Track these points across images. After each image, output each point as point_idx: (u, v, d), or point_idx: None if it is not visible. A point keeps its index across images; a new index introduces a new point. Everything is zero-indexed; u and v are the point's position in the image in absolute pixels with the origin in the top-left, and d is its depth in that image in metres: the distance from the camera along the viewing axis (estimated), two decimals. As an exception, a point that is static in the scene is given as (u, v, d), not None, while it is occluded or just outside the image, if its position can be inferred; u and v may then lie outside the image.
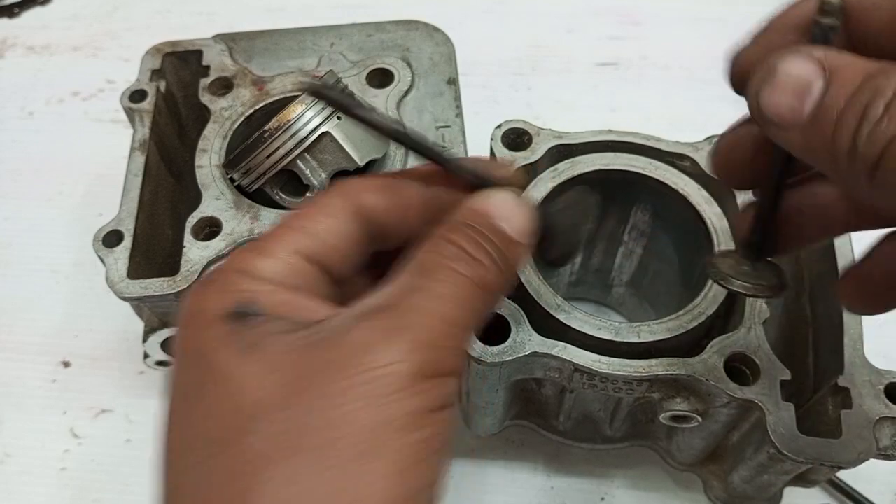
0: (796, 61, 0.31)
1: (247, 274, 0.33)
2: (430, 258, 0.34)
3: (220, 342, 0.31)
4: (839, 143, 0.29)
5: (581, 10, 1.00)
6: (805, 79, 0.31)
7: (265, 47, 0.72)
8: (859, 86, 0.29)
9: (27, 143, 0.90)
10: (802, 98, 0.31)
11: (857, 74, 0.29)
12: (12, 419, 0.70)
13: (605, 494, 0.66)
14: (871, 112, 0.28)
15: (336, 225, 0.36)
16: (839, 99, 0.29)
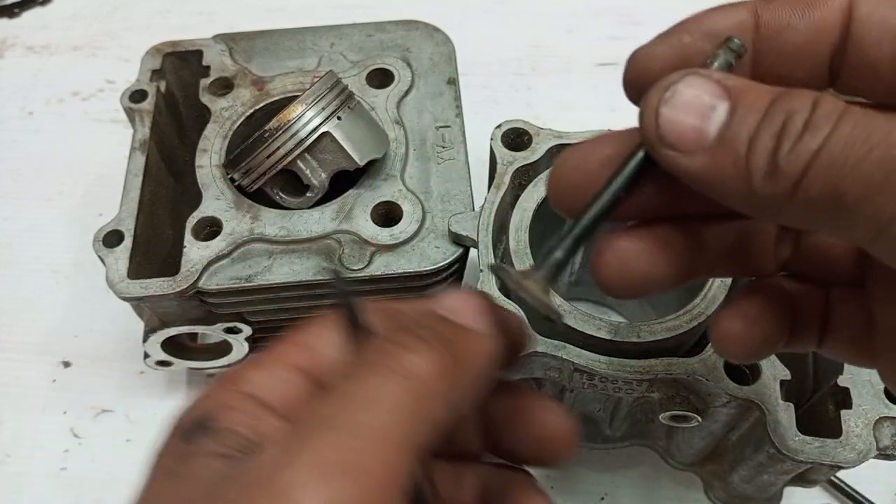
0: (698, 81, 0.30)
1: (231, 385, 0.32)
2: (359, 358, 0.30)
3: (164, 457, 0.31)
4: (755, 165, 0.28)
5: (581, 10, 1.00)
6: (708, 100, 0.29)
7: (265, 47, 0.72)
8: (769, 107, 0.28)
9: (27, 143, 0.90)
10: (707, 120, 0.29)
11: (763, 97, 0.29)
12: (12, 419, 0.70)
13: (605, 494, 0.66)
14: (791, 129, 0.27)
15: (331, 336, 0.34)
16: (749, 120, 0.28)
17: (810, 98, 0.28)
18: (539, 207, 0.57)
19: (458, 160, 0.64)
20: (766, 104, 0.28)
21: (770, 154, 0.28)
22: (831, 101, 0.28)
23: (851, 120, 0.27)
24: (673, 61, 0.34)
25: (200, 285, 0.56)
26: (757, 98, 0.29)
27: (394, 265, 0.57)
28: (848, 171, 0.26)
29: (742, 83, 0.30)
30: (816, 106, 0.28)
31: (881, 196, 0.26)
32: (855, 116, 0.27)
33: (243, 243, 0.58)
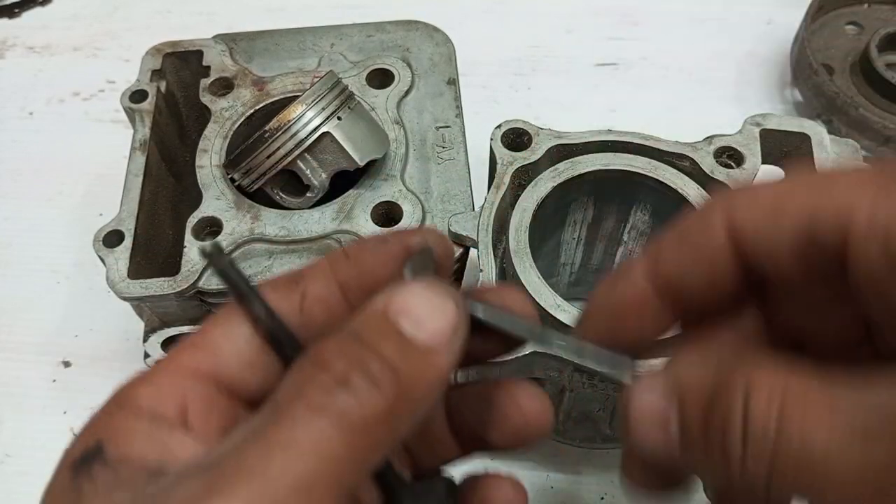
0: (645, 394, 0.30)
1: (119, 408, 0.29)
2: (284, 392, 0.26)
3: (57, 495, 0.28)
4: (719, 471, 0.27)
5: (581, 10, 1.00)
6: (660, 410, 0.29)
7: (265, 47, 0.72)
8: (706, 414, 0.27)
9: (27, 143, 0.90)
10: (666, 429, 0.29)
11: (702, 393, 0.28)
12: (12, 419, 0.70)
13: (605, 494, 0.66)
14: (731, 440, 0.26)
15: (231, 329, 0.31)
16: (697, 425, 0.28)
17: (741, 392, 0.26)
18: (539, 207, 0.57)
19: (458, 160, 0.64)
20: (704, 405, 0.28)
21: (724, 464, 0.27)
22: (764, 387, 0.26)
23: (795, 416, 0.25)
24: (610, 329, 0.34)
25: (201, 285, 0.56)
26: (696, 398, 0.28)
27: (394, 265, 0.57)
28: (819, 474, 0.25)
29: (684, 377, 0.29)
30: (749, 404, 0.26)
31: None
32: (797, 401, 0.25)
33: (243, 243, 0.58)
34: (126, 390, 0.30)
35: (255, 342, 0.31)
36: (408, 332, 0.27)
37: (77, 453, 0.28)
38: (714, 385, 0.27)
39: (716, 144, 0.58)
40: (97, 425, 0.29)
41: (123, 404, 0.29)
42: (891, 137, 0.78)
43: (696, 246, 0.31)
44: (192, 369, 0.30)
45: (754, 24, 0.97)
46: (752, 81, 0.93)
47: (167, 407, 0.29)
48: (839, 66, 0.87)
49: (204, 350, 0.31)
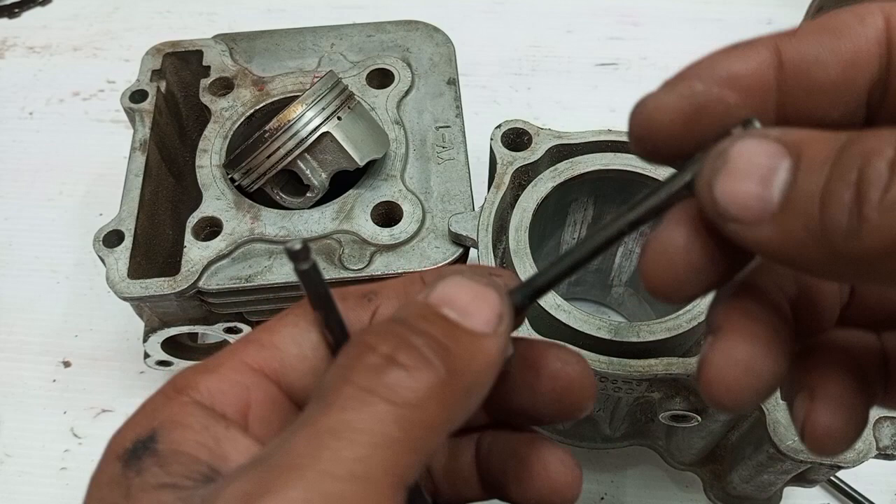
0: (751, 143, 0.26)
1: (179, 394, 0.28)
2: (332, 377, 0.25)
3: (103, 488, 0.26)
4: (833, 224, 0.23)
5: (581, 10, 1.01)
6: (766, 161, 0.25)
7: (265, 48, 0.72)
8: (839, 155, 0.24)
9: (27, 143, 0.90)
10: (769, 184, 0.25)
11: (829, 146, 0.24)
12: (12, 419, 0.70)
13: (605, 494, 0.66)
14: (873, 175, 0.22)
15: (297, 332, 0.30)
16: (817, 175, 0.24)
17: (889, 137, 0.23)
18: (539, 207, 0.57)
19: (458, 160, 0.64)
20: (833, 153, 0.24)
21: (851, 207, 0.23)
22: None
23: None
24: (685, 112, 0.29)
25: (200, 285, 0.56)
26: (823, 147, 0.24)
27: (394, 265, 0.57)
28: None
29: (803, 135, 0.25)
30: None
31: None
32: None
33: (243, 243, 0.58)
34: (187, 375, 0.29)
35: (322, 350, 0.30)
36: (453, 317, 0.26)
37: (128, 441, 0.27)
38: (848, 141, 0.24)
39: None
40: (152, 409, 0.28)
41: (182, 390, 0.28)
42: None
43: (845, 32, 0.27)
44: (258, 366, 0.29)
45: (754, 24, 0.97)
46: (752, 81, 0.93)
47: (228, 401, 0.28)
48: (839, 65, 0.87)
49: (270, 349, 0.29)
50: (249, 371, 0.29)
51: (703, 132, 0.28)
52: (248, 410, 0.28)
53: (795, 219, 0.24)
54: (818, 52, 0.28)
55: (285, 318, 0.31)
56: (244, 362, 0.29)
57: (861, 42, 0.27)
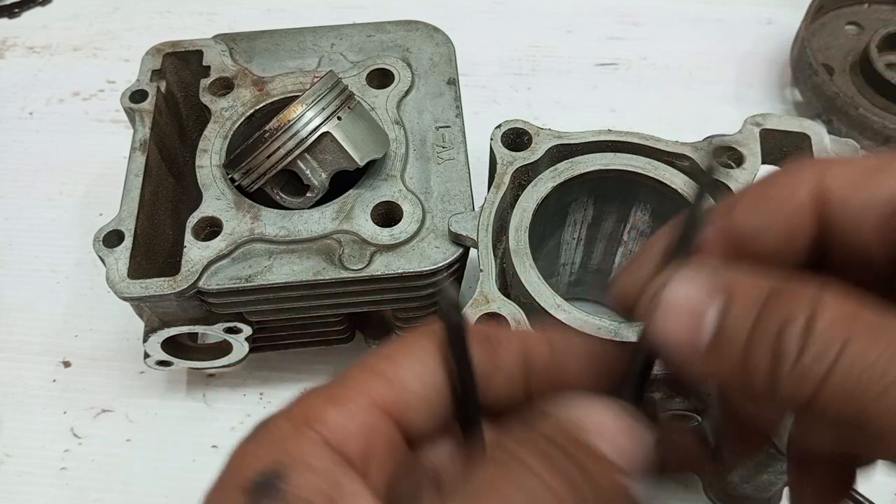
0: (684, 285, 0.28)
1: (307, 427, 0.27)
2: (485, 482, 0.26)
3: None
4: (752, 377, 0.26)
5: (581, 10, 1.00)
6: (698, 302, 0.27)
7: (265, 48, 0.72)
8: (762, 311, 0.26)
9: (27, 143, 0.90)
10: (699, 325, 0.27)
11: (756, 295, 0.26)
12: (12, 419, 0.70)
13: (605, 494, 0.66)
14: (787, 346, 0.25)
15: (424, 371, 0.30)
16: (742, 326, 0.26)
17: (808, 302, 0.25)
18: (539, 207, 0.57)
19: (458, 160, 0.64)
20: (758, 304, 0.26)
21: (767, 370, 0.25)
22: (834, 307, 0.25)
23: (864, 335, 0.24)
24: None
25: (200, 285, 0.56)
26: (750, 296, 0.27)
27: (394, 265, 0.57)
28: (870, 401, 0.24)
29: (735, 278, 0.28)
30: (815, 316, 0.25)
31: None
32: (867, 329, 0.24)
33: (243, 243, 0.58)
34: (316, 404, 0.28)
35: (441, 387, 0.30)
36: (602, 448, 0.26)
37: (254, 472, 0.26)
38: (773, 290, 0.26)
39: (715, 144, 0.58)
40: (280, 439, 0.27)
41: (310, 424, 0.27)
42: (891, 137, 0.78)
43: (779, 201, 0.30)
44: (385, 406, 0.29)
45: (754, 24, 0.97)
46: (752, 81, 0.93)
47: (354, 442, 0.27)
48: (839, 66, 0.87)
49: (398, 388, 0.29)
50: (377, 411, 0.28)
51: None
52: (371, 454, 0.28)
53: (721, 361, 0.26)
54: (756, 227, 0.31)
55: (411, 350, 0.30)
56: (372, 399, 0.28)
57: (794, 211, 0.30)
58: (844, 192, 0.29)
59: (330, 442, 0.27)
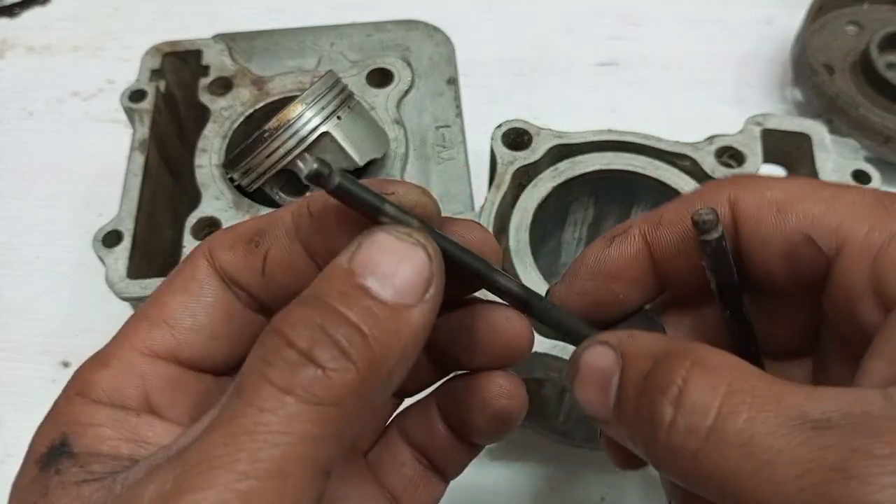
0: (594, 351, 0.29)
1: (79, 396, 0.28)
2: (248, 369, 0.24)
3: (22, 491, 0.27)
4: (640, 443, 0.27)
5: (581, 10, 1.00)
6: (602, 372, 0.28)
7: (265, 47, 0.72)
8: (644, 382, 0.26)
9: (27, 144, 0.90)
10: (607, 390, 0.28)
11: (643, 364, 0.27)
12: (12, 419, 0.70)
13: (606, 494, 0.66)
14: (658, 417, 0.25)
15: (195, 302, 0.29)
16: (632, 394, 0.27)
17: (681, 371, 0.25)
18: (539, 207, 0.56)
19: (458, 160, 0.63)
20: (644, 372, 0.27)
21: (647, 440, 0.26)
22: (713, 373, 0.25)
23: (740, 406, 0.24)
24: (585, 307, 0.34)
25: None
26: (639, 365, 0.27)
27: (394, 265, 0.57)
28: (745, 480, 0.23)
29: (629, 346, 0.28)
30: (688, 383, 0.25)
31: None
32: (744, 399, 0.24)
33: (243, 243, 0.58)
34: (84, 375, 0.28)
35: (218, 310, 0.29)
36: (375, 290, 0.25)
37: (43, 447, 0.27)
38: (662, 352, 0.27)
39: (717, 144, 0.58)
40: (59, 415, 0.28)
41: (83, 391, 0.28)
42: (891, 137, 0.77)
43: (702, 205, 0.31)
44: (150, 351, 0.28)
45: (754, 24, 0.97)
46: (752, 81, 0.93)
47: (128, 392, 0.28)
48: (839, 66, 0.87)
49: (160, 326, 0.29)
50: (142, 358, 0.28)
51: (604, 318, 0.34)
52: (149, 395, 0.28)
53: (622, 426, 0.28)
54: (678, 243, 0.32)
55: (172, 284, 0.30)
56: (135, 346, 0.29)
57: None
58: (758, 213, 0.31)
59: (105, 397, 0.27)
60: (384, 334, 0.25)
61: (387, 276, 0.25)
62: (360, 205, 0.27)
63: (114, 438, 0.26)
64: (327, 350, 0.24)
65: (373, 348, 0.24)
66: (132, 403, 0.28)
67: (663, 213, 0.33)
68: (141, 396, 0.28)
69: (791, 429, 0.23)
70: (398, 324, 0.25)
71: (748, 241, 0.31)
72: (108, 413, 0.27)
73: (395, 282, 0.25)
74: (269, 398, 0.23)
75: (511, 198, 0.58)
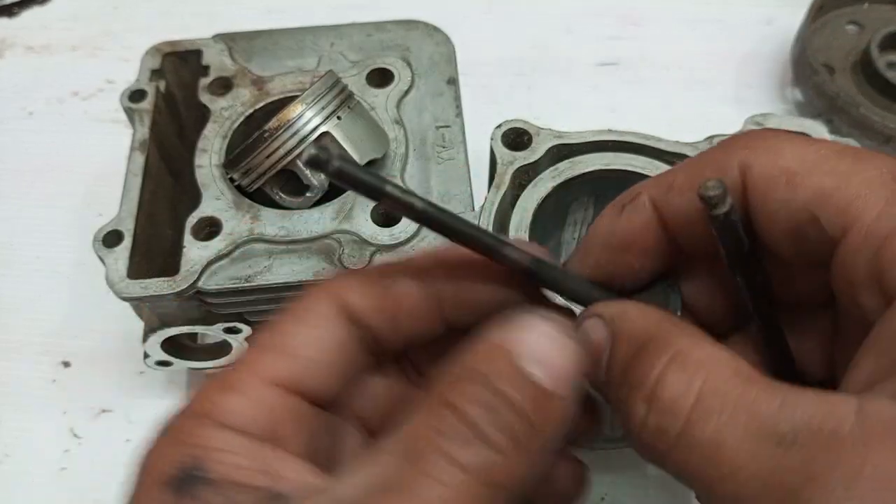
0: (590, 324, 0.30)
1: (207, 419, 0.27)
2: (420, 435, 0.25)
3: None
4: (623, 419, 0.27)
5: (581, 10, 1.00)
6: (598, 343, 0.29)
7: (265, 47, 0.72)
8: (633, 358, 0.27)
9: (27, 144, 0.90)
10: (599, 364, 0.29)
11: (633, 342, 0.28)
12: (12, 419, 0.70)
13: (606, 494, 0.66)
14: (634, 408, 0.26)
15: (319, 336, 0.29)
16: (617, 370, 0.28)
17: (658, 365, 0.26)
18: (539, 207, 0.56)
19: (458, 160, 0.63)
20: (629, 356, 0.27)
21: (627, 421, 0.27)
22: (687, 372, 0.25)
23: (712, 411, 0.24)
24: (603, 279, 0.34)
25: (200, 285, 0.56)
26: (626, 348, 0.28)
27: (394, 265, 0.57)
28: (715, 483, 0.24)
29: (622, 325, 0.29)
30: (658, 390, 0.25)
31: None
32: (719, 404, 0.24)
33: (243, 243, 0.58)
34: (211, 398, 0.28)
35: (333, 344, 0.29)
36: (537, 377, 0.26)
37: (171, 469, 0.26)
38: (646, 336, 0.27)
39: None
40: (186, 436, 0.27)
41: (211, 415, 0.27)
42: (892, 137, 0.77)
43: (712, 171, 0.30)
44: (278, 378, 0.28)
45: (754, 24, 0.97)
46: (752, 81, 0.93)
47: (258, 420, 0.27)
48: (840, 65, 0.87)
49: (285, 355, 0.29)
50: (273, 388, 0.28)
51: (623, 288, 0.33)
52: (277, 430, 0.28)
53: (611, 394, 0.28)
54: (688, 209, 0.31)
55: (295, 314, 0.30)
56: (266, 377, 0.28)
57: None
58: (767, 182, 0.29)
59: (238, 425, 0.27)
60: (545, 420, 0.26)
61: (546, 365, 0.26)
62: (362, 187, 0.28)
63: (249, 469, 0.26)
64: (500, 431, 0.25)
65: (539, 435, 0.26)
66: (261, 434, 0.27)
67: (673, 180, 0.32)
68: (269, 427, 0.28)
69: (758, 443, 0.23)
70: (555, 410, 0.26)
71: (756, 212, 0.30)
72: (242, 441, 0.27)
73: (553, 371, 0.26)
74: (446, 471, 0.24)
75: (511, 198, 0.58)
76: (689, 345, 0.26)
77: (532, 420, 0.25)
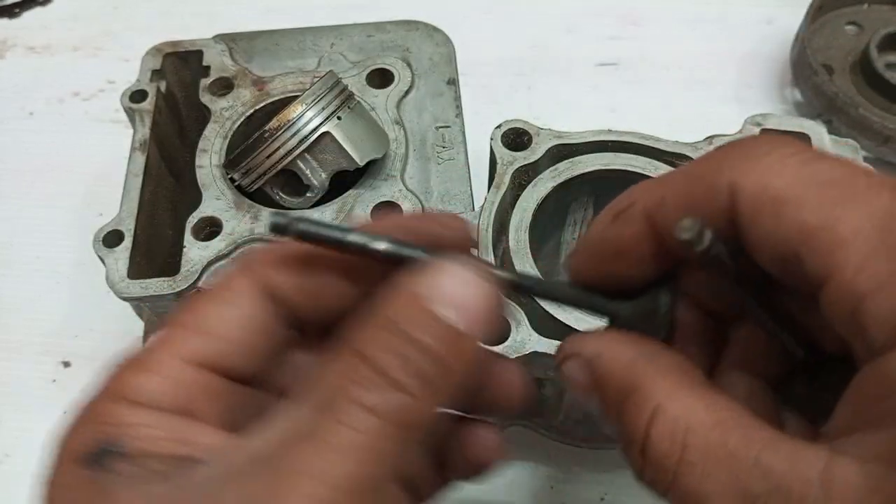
0: (571, 366, 0.32)
1: (122, 399, 0.28)
2: (332, 385, 0.26)
3: (71, 490, 0.26)
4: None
5: (581, 10, 1.00)
6: (584, 384, 0.31)
7: (265, 47, 0.72)
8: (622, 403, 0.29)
9: (27, 144, 0.90)
10: (591, 396, 0.31)
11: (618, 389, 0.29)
12: (12, 419, 0.70)
13: (605, 494, 0.66)
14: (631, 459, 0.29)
15: (236, 314, 0.29)
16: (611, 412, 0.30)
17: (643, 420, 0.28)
18: (539, 207, 0.57)
19: (458, 160, 0.64)
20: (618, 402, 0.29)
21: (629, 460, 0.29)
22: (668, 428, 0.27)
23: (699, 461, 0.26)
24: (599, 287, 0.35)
25: (200, 285, 0.56)
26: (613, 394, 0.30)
27: (394, 265, 0.57)
28: None
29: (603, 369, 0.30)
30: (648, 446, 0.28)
31: None
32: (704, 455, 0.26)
33: (243, 243, 0.58)
34: (124, 378, 0.29)
35: (252, 323, 0.30)
36: (447, 318, 0.26)
37: (83, 448, 0.26)
38: (628, 387, 0.29)
39: (716, 144, 0.58)
40: (98, 416, 0.28)
41: (125, 394, 0.28)
42: (891, 137, 0.77)
43: (698, 204, 0.30)
44: (192, 355, 0.29)
45: (754, 24, 0.97)
46: (752, 81, 0.93)
47: (172, 397, 0.28)
48: (839, 66, 0.87)
49: (198, 333, 0.29)
50: (186, 365, 0.29)
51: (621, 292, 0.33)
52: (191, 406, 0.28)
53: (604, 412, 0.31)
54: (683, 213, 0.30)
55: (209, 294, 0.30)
56: (177, 352, 0.29)
57: (713, 213, 0.29)
58: (749, 218, 0.28)
59: (151, 402, 0.28)
60: (457, 359, 0.26)
61: (458, 307, 0.26)
62: (326, 242, 0.29)
63: (166, 439, 0.26)
64: (411, 377, 0.25)
65: (449, 372, 0.26)
66: (175, 409, 0.28)
67: (665, 194, 0.31)
68: (183, 402, 0.28)
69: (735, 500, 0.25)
70: (467, 348, 0.27)
71: (745, 235, 0.29)
72: (157, 416, 0.27)
73: (465, 312, 0.27)
74: (356, 417, 0.25)
75: (511, 198, 0.58)
76: (666, 397, 0.28)
77: (446, 362, 0.26)
